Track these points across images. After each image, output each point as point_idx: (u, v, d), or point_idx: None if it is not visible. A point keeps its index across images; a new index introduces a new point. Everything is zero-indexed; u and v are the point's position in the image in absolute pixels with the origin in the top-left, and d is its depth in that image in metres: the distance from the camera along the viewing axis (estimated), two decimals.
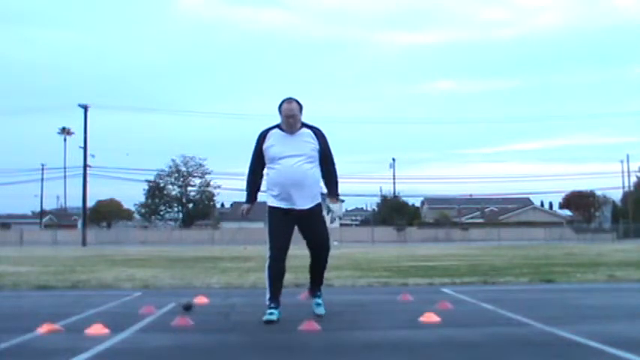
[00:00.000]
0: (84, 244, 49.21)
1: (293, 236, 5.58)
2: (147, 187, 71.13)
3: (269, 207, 5.55)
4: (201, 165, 71.66)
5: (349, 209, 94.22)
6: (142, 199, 72.12)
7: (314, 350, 4.26)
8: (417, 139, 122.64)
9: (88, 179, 53.89)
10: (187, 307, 6.01)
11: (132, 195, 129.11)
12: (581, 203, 72.41)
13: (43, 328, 4.92)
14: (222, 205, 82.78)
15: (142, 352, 4.23)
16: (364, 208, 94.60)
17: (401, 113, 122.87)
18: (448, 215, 71.03)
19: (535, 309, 6.11)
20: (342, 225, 63.67)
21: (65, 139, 72.93)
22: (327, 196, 5.64)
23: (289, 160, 5.44)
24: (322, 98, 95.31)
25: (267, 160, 5.56)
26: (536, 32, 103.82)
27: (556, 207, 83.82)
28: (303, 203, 5.46)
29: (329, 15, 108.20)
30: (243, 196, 5.88)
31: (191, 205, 72.67)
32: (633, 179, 71.08)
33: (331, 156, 5.69)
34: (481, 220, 74.50)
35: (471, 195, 74.90)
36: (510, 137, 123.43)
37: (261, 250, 5.59)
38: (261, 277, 6.39)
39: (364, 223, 76.97)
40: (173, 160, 70.95)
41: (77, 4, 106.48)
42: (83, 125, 52.99)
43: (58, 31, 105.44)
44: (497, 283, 9.35)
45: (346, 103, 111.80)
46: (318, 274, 5.75)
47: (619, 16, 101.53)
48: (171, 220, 73.46)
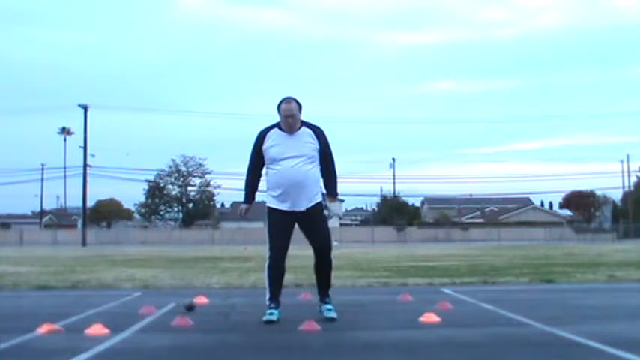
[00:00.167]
0: (84, 244, 49.21)
1: (293, 236, 5.55)
2: (147, 187, 71.26)
3: (268, 207, 5.49)
4: (201, 165, 71.78)
5: (349, 209, 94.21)
6: (142, 199, 72.27)
7: (314, 350, 4.26)
8: (417, 139, 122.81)
9: (88, 179, 54.03)
10: (190, 308, 6.01)
11: (132, 195, 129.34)
12: (581, 203, 72.42)
13: (43, 328, 4.91)
14: (222, 205, 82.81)
15: (142, 352, 4.23)
16: (364, 208, 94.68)
17: (401, 113, 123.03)
18: (448, 215, 71.02)
19: (535, 309, 6.11)
20: (342, 225, 63.68)
21: (65, 139, 73.07)
22: (325, 195, 5.59)
23: (289, 161, 5.37)
24: (322, 98, 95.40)
25: (266, 160, 5.49)
26: (536, 32, 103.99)
27: (556, 207, 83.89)
28: (303, 204, 5.40)
29: (329, 15, 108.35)
30: (242, 197, 5.85)
31: (191, 205, 72.69)
32: (633, 179, 71.18)
33: (331, 155, 5.62)
34: (481, 220, 74.50)
35: (471, 195, 74.94)
36: (510, 137, 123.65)
37: (261, 250, 5.58)
38: (261, 277, 6.39)
39: (364, 223, 76.96)
40: (173, 160, 71.11)
41: (77, 4, 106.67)
42: (83, 125, 53.12)
43: (58, 31, 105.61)
44: (497, 283, 9.35)
45: (346, 103, 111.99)
46: (324, 275, 5.57)
47: (619, 16, 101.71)
48: (171, 220, 73.48)
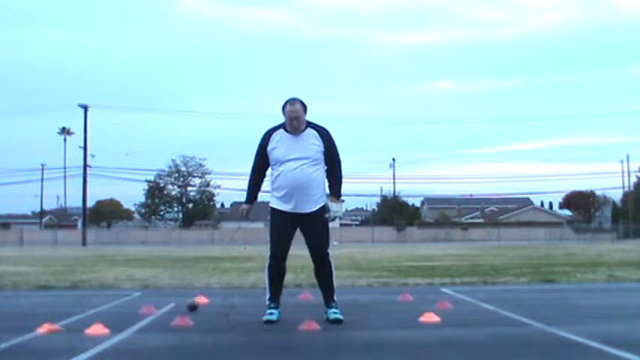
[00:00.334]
0: (84, 244, 49.22)
1: (295, 237, 5.52)
2: (147, 187, 71.27)
3: (271, 208, 5.45)
4: (201, 165, 71.80)
5: (349, 209, 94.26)
6: (142, 199, 72.29)
7: (314, 350, 4.26)
8: (417, 139, 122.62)
9: (88, 179, 54.04)
10: (192, 308, 6.02)
11: (132, 195, 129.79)
12: (581, 203, 72.45)
13: (43, 328, 4.91)
14: (222, 205, 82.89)
15: (142, 352, 4.23)
16: (364, 208, 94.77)
17: (401, 113, 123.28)
18: (448, 215, 71.02)
19: (535, 309, 6.11)
20: (342, 225, 63.63)
21: (65, 139, 73.09)
22: (328, 195, 5.55)
23: (293, 163, 5.32)
24: (322, 98, 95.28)
25: (271, 161, 5.44)
26: (536, 32, 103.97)
27: (556, 207, 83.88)
28: (306, 207, 5.35)
29: (329, 15, 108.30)
30: (243, 196, 5.81)
31: (191, 205, 72.70)
32: (633, 179, 71.19)
33: (337, 157, 5.52)
34: (481, 220, 74.51)
35: (471, 195, 74.92)
36: (510, 137, 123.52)
37: (261, 250, 5.55)
38: (261, 277, 6.39)
39: (364, 223, 77.00)
40: (173, 160, 71.13)
41: (77, 4, 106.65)
42: (83, 125, 53.14)
43: (58, 31, 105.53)
44: (497, 283, 9.35)
45: (346, 103, 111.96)
46: (324, 280, 5.49)
47: (619, 16, 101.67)
48: (171, 220, 73.50)
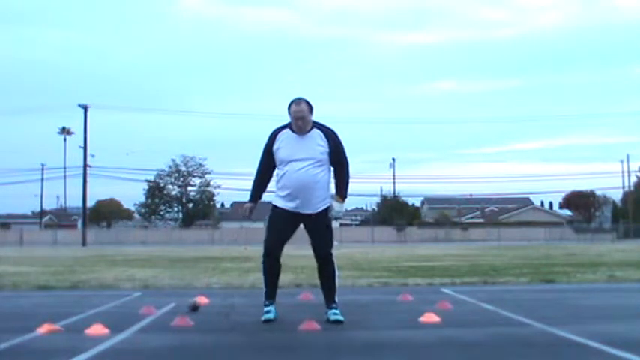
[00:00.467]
0: (84, 244, 49.22)
1: (294, 237, 5.48)
2: (147, 187, 71.26)
3: (273, 205, 5.42)
4: (201, 165, 71.78)
5: (349, 209, 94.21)
6: (142, 199, 72.28)
7: (314, 350, 4.26)
8: (417, 139, 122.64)
9: (88, 179, 54.05)
10: (194, 308, 6.02)
11: (132, 195, 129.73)
12: (581, 203, 72.45)
13: (43, 328, 4.91)
14: (222, 205, 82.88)
15: (142, 352, 4.23)
16: (364, 208, 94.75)
17: (401, 113, 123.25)
18: (448, 215, 71.01)
19: (535, 309, 6.11)
20: (342, 225, 63.60)
21: (65, 139, 73.09)
22: (334, 195, 5.49)
23: (297, 164, 5.28)
24: (322, 98, 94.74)
25: (276, 161, 5.41)
26: (536, 32, 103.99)
27: (556, 207, 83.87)
28: (309, 208, 5.32)
29: (329, 15, 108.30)
30: (243, 196, 5.83)
31: (191, 205, 72.70)
32: (633, 179, 71.21)
33: (344, 158, 5.48)
34: (481, 220, 74.50)
35: (471, 195, 74.93)
36: (510, 137, 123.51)
37: (261, 250, 5.54)
38: (261, 278, 6.37)
39: (364, 223, 76.97)
40: (173, 160, 71.12)
41: (77, 4, 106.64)
42: (83, 125, 53.15)
43: (58, 31, 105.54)
44: (497, 283, 9.35)
45: (346, 103, 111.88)
46: (327, 280, 5.47)
47: (619, 16, 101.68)
48: (171, 220, 73.50)
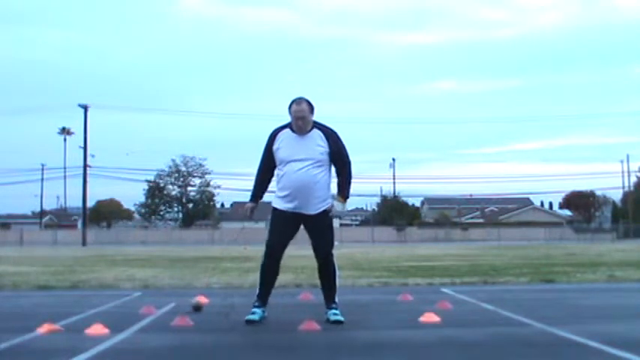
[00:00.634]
0: (84, 244, 49.21)
1: (295, 237, 5.48)
2: (147, 187, 71.24)
3: (273, 207, 5.41)
4: (201, 165, 71.74)
5: (349, 209, 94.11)
6: (142, 199, 72.23)
7: (314, 350, 4.26)
8: (417, 139, 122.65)
9: (88, 179, 54.04)
10: (197, 308, 6.03)
11: (132, 195, 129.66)
12: (581, 203, 72.44)
13: (43, 328, 4.91)
14: (222, 205, 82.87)
15: (142, 352, 4.23)
16: (364, 208, 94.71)
17: (401, 113, 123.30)
18: (448, 215, 71.01)
19: (535, 309, 6.11)
20: (342, 225, 63.69)
21: (65, 139, 73.04)
22: (335, 195, 5.46)
23: (297, 164, 5.27)
24: (322, 98, 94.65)
25: (276, 161, 5.40)
26: (536, 32, 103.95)
27: (556, 207, 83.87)
28: (309, 209, 5.30)
29: (329, 15, 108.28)
30: (243, 196, 5.86)
31: (191, 205, 72.67)
32: (633, 179, 71.18)
33: (345, 158, 5.46)
34: (481, 220, 74.49)
35: (471, 195, 74.91)
36: (510, 137, 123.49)
37: (261, 250, 5.54)
38: None
39: (364, 223, 77.02)
40: (173, 160, 71.07)
41: (77, 4, 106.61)
42: (83, 125, 53.14)
43: (58, 31, 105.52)
44: (497, 283, 9.35)
45: (346, 103, 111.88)
46: (327, 281, 5.46)
47: (619, 16, 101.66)
48: (171, 220, 73.47)
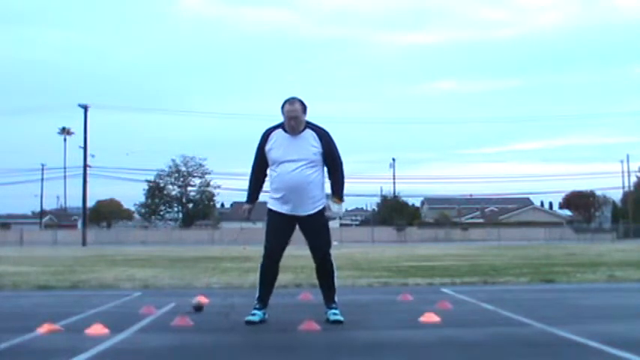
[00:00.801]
0: (84, 244, 49.22)
1: (293, 237, 5.49)
2: (147, 187, 71.25)
3: (268, 209, 5.42)
4: (201, 165, 71.75)
5: (349, 209, 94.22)
6: (142, 199, 72.25)
7: (314, 350, 4.26)
8: (417, 139, 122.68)
9: (88, 179, 54.06)
10: (198, 308, 6.03)
11: (132, 195, 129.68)
12: (581, 203, 72.46)
13: (43, 328, 4.91)
14: (222, 205, 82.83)
15: (142, 352, 4.23)
16: (364, 208, 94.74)
17: (401, 113, 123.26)
18: (448, 215, 71.01)
19: (535, 309, 6.11)
20: (342, 225, 63.65)
21: (65, 139, 73.06)
22: (330, 195, 5.47)
23: (290, 165, 5.26)
24: (322, 98, 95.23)
25: (269, 162, 5.40)
26: (536, 32, 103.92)
27: (556, 207, 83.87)
28: (303, 209, 5.30)
29: (329, 15, 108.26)
30: (243, 196, 5.77)
31: (191, 205, 72.68)
32: (633, 179, 71.18)
33: (337, 158, 5.45)
34: (481, 220, 74.49)
35: (471, 195, 74.90)
36: (510, 137, 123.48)
37: (260, 250, 5.54)
38: None
39: (364, 223, 76.99)
40: (173, 160, 71.08)
41: (77, 4, 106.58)
42: (83, 125, 53.17)
43: (58, 31, 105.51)
44: (497, 283, 9.35)
45: (346, 103, 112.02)
46: (325, 280, 5.46)
47: (619, 16, 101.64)
48: (171, 220, 73.48)
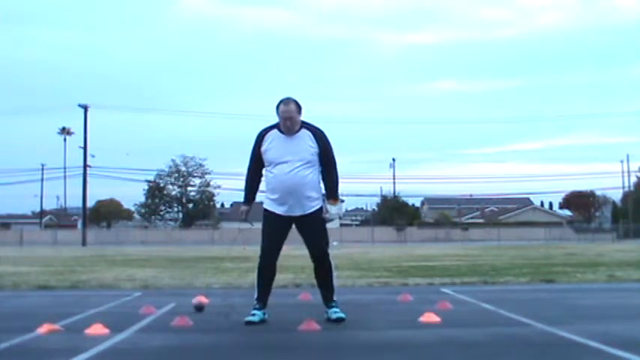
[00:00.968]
0: (84, 244, 49.20)
1: (293, 237, 5.50)
2: (147, 187, 71.18)
3: (264, 209, 5.41)
4: (201, 165, 71.62)
5: (349, 209, 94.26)
6: (142, 199, 72.10)
7: (314, 350, 4.26)
8: (417, 139, 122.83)
9: (88, 179, 54.02)
10: (199, 308, 6.03)
11: (132, 195, 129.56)
12: (581, 203, 72.46)
13: (43, 328, 4.91)
14: (222, 205, 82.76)
15: (142, 352, 4.23)
16: (364, 208, 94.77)
17: (401, 113, 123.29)
18: (448, 215, 71.03)
19: (535, 309, 6.11)
20: (342, 225, 63.64)
21: (65, 139, 72.87)
22: (326, 197, 5.47)
23: (286, 165, 5.25)
24: (322, 98, 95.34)
25: (265, 162, 5.40)
26: (536, 32, 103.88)
27: (556, 207, 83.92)
28: (300, 210, 5.29)
29: (330, 15, 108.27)
30: (243, 196, 5.78)
31: (191, 205, 72.61)
32: (633, 179, 71.12)
33: (332, 158, 5.46)
34: (481, 220, 74.49)
35: (471, 195, 74.92)
36: (510, 137, 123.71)
37: (259, 250, 5.54)
38: None
39: (364, 223, 77.01)
40: (173, 160, 70.93)
41: (77, 4, 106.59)
42: (83, 125, 53.12)
43: (58, 31, 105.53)
44: (497, 283, 9.35)
45: (346, 103, 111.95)
46: (324, 280, 5.46)
47: (619, 16, 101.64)
48: (171, 220, 73.43)
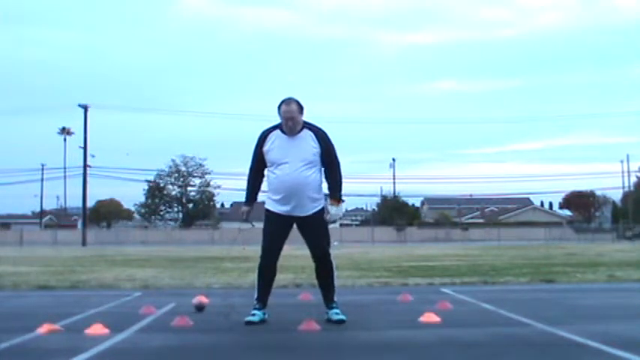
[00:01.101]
0: (84, 244, 49.20)
1: (293, 237, 5.50)
2: (147, 187, 71.17)
3: (266, 209, 5.40)
4: (201, 165, 71.61)
5: (349, 209, 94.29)
6: (142, 199, 72.09)
7: (314, 350, 4.27)
8: (417, 139, 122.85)
9: (88, 179, 54.00)
10: (200, 308, 6.04)
11: (132, 195, 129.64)
12: (581, 203, 72.50)
13: (43, 328, 4.91)
14: (222, 205, 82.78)
15: (142, 352, 4.23)
16: (364, 208, 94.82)
17: (401, 113, 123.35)
18: (448, 215, 71.04)
19: (535, 309, 6.11)
20: (342, 225, 63.63)
21: (65, 139, 72.85)
22: (328, 197, 5.46)
23: (288, 166, 5.25)
24: (322, 98, 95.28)
25: (267, 163, 5.39)
26: (536, 32, 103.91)
27: (556, 207, 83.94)
28: (302, 210, 5.29)
29: (330, 15, 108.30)
30: (244, 196, 5.77)
31: (191, 205, 72.61)
32: (633, 179, 71.14)
33: (335, 159, 5.45)
34: (481, 220, 74.51)
35: (471, 195, 74.93)
36: (510, 137, 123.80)
37: (259, 250, 5.54)
38: None
39: (364, 223, 77.02)
40: (173, 160, 70.92)
41: (77, 4, 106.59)
42: (83, 125, 53.11)
43: (58, 31, 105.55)
44: (497, 283, 9.35)
45: (346, 103, 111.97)
46: (325, 281, 5.45)
47: (619, 16, 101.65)
48: (171, 220, 73.42)
